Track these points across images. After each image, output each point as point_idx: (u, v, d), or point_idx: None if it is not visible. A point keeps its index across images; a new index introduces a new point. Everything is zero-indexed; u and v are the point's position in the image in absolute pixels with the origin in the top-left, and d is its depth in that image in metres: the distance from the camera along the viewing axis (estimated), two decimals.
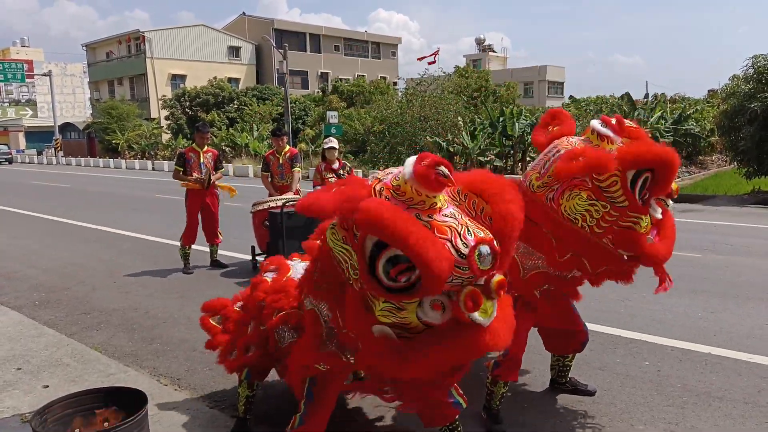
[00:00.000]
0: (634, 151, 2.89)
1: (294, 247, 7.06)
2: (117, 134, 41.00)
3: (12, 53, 58.94)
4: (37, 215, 13.54)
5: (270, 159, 7.87)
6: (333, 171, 7.58)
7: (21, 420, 3.48)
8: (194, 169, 7.61)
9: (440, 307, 2.16)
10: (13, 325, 5.22)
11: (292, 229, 6.87)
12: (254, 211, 7.48)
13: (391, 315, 2.17)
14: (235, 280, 7.10)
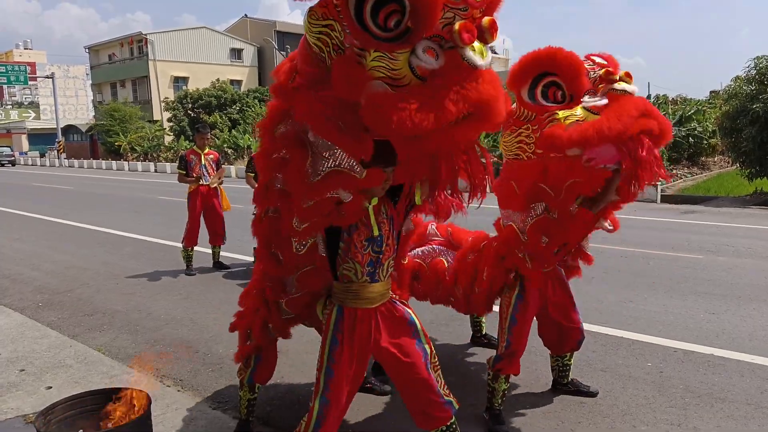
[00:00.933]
0: (516, 66, 3.02)
1: None
2: (120, 136, 41.10)
3: (15, 55, 59.22)
4: (40, 217, 13.58)
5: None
6: None
7: (24, 421, 3.49)
8: (196, 171, 7.62)
9: (434, 54, 2.08)
10: (17, 327, 5.24)
11: None
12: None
13: (384, 70, 2.07)
14: (237, 282, 7.11)
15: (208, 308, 6.02)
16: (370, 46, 2.06)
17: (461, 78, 2.09)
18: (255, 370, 3.35)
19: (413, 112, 2.02)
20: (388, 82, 2.09)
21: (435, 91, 2.08)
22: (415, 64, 2.08)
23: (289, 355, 4.65)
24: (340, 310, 2.75)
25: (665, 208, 13.55)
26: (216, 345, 4.96)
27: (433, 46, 2.09)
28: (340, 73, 2.13)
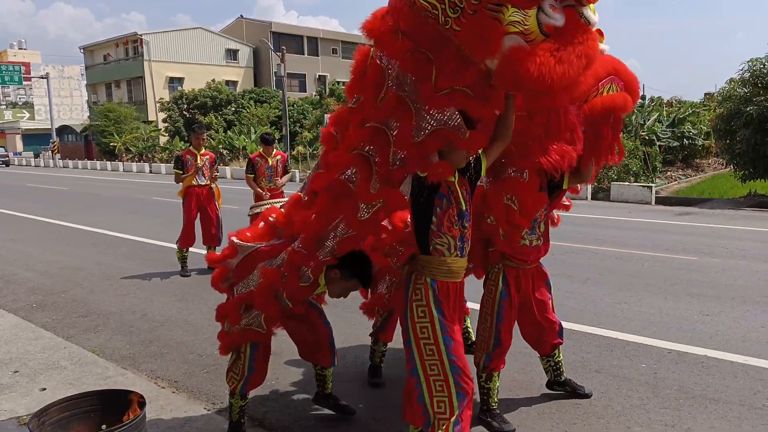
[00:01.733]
0: None
1: None
2: (114, 137, 40.96)
3: (9, 55, 58.94)
4: (34, 218, 13.53)
5: (257, 161, 7.67)
6: None
7: (18, 423, 3.47)
8: (191, 171, 7.62)
9: (557, 11, 2.21)
10: (10, 328, 5.22)
11: None
12: (252, 214, 7.46)
13: (519, 25, 2.17)
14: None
15: (203, 309, 6.01)
16: (508, 2, 2.15)
17: (579, 35, 2.24)
18: (248, 381, 3.34)
19: (553, 66, 2.15)
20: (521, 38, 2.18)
21: (562, 46, 2.19)
22: (543, 20, 2.18)
23: (284, 356, 4.65)
24: (435, 284, 2.86)
25: (659, 209, 13.60)
26: (211, 346, 4.94)
27: (555, 4, 2.20)
28: (474, 29, 2.18)
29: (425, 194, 2.82)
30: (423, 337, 2.83)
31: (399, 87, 2.48)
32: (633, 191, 15.14)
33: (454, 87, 2.34)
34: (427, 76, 2.36)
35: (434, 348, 2.80)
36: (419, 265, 2.91)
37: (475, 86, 2.36)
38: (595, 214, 12.75)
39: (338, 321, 5.57)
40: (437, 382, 2.80)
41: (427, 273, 2.87)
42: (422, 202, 2.82)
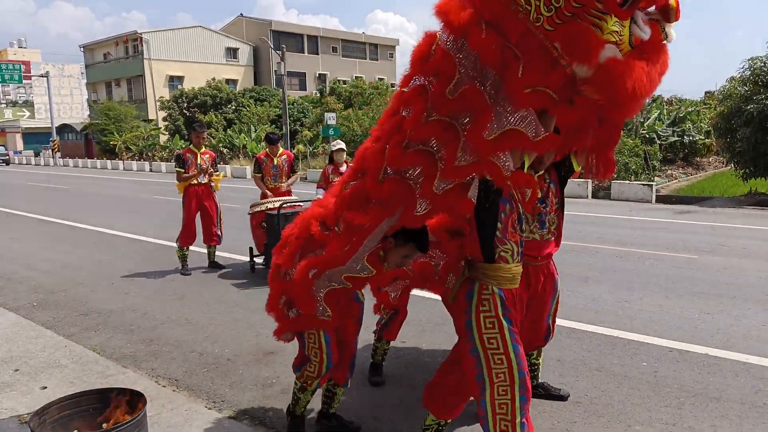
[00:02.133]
0: None
1: None
2: (114, 135, 40.96)
3: (9, 54, 58.91)
4: (34, 216, 13.53)
5: (262, 160, 7.71)
6: (341, 174, 7.18)
7: (19, 421, 3.48)
8: (192, 170, 7.59)
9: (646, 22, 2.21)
10: (11, 327, 5.22)
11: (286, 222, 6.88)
12: (252, 213, 7.47)
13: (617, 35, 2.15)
14: (233, 282, 7.10)
15: (204, 308, 6.01)
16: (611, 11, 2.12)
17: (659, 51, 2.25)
18: (324, 376, 3.27)
19: (644, 84, 2.15)
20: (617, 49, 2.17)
21: (650, 64, 2.19)
22: (635, 32, 2.17)
23: (284, 355, 4.65)
24: (501, 292, 2.77)
25: (660, 208, 13.59)
26: (211, 345, 4.95)
27: (645, 18, 2.20)
28: (575, 34, 2.14)
29: (491, 199, 2.69)
30: (491, 347, 2.74)
31: (475, 79, 2.35)
32: (633, 190, 15.13)
33: (538, 87, 2.26)
34: (513, 73, 2.26)
35: (503, 357, 2.73)
36: (481, 274, 2.78)
37: (559, 89, 2.29)
38: (595, 212, 12.74)
39: None
40: (501, 387, 2.75)
41: (493, 282, 2.76)
42: (488, 207, 2.69)
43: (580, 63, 2.18)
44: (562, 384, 4.05)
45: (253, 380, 4.22)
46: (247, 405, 3.84)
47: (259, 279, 7.18)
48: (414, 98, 2.46)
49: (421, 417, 3.59)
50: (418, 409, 3.72)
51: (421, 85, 2.46)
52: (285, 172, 7.72)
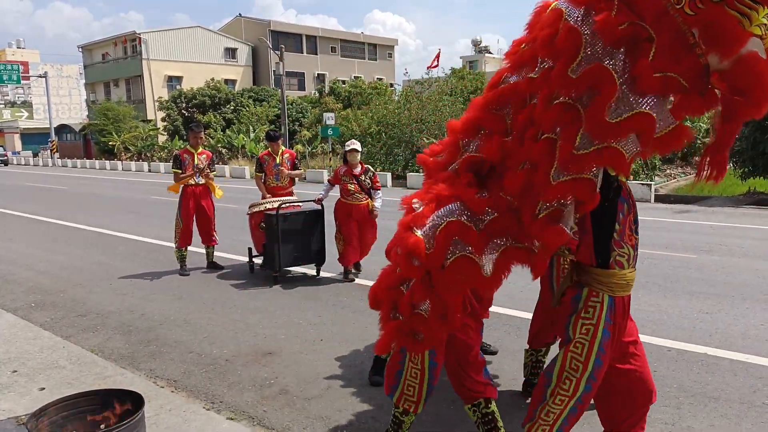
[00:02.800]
0: None
1: (290, 250, 6.82)
2: (113, 136, 40.95)
3: (8, 55, 58.89)
4: (32, 217, 13.51)
5: (264, 159, 7.61)
6: (354, 177, 6.93)
7: (17, 422, 3.46)
8: (188, 170, 7.55)
9: None
10: (9, 328, 5.21)
11: (287, 231, 6.85)
12: (251, 213, 7.42)
13: (764, 29, 2.02)
14: (231, 282, 7.10)
15: (202, 309, 6.00)
16: (765, 2, 2.00)
17: None
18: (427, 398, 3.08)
19: None
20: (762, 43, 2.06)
21: None
22: None
23: (283, 356, 4.65)
24: (612, 301, 2.61)
25: (659, 207, 13.60)
26: (210, 345, 4.94)
27: None
28: (720, 22, 2.01)
29: (611, 196, 2.49)
30: (574, 352, 2.61)
31: (602, 58, 2.19)
32: (632, 189, 15.10)
33: (668, 72, 2.10)
34: (644, 54, 2.12)
35: (580, 365, 2.59)
36: (592, 279, 2.60)
37: (690, 78, 2.12)
38: None
39: (341, 320, 5.57)
40: (562, 391, 2.63)
41: (606, 289, 2.58)
42: (606, 205, 2.47)
43: (719, 54, 2.04)
44: None
45: (251, 381, 4.21)
46: (246, 406, 3.83)
47: (258, 280, 7.18)
48: (540, 84, 2.31)
49: (423, 415, 3.59)
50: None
51: (547, 68, 2.30)
52: (288, 170, 7.63)
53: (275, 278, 7.00)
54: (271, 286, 6.84)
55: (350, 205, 6.91)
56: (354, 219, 6.91)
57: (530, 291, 5.64)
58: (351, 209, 6.91)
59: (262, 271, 7.45)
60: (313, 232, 7.15)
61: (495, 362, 4.45)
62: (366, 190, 6.92)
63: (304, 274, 7.44)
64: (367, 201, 6.92)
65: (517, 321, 5.40)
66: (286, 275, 7.30)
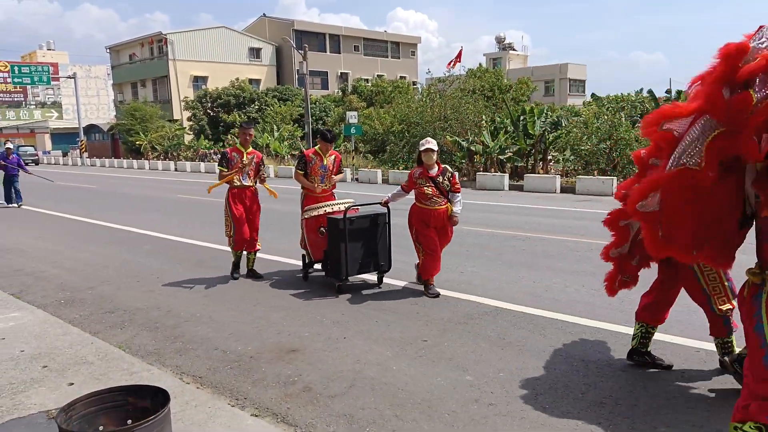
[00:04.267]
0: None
1: (356, 256, 6.40)
2: (140, 135, 41.62)
3: (38, 56, 60.25)
4: (62, 215, 13.79)
5: (311, 158, 6.99)
6: (430, 179, 6.21)
7: (47, 417, 3.54)
8: (235, 169, 7.15)
9: None
10: (39, 324, 5.32)
11: (354, 236, 6.31)
12: (307, 217, 6.81)
13: None
14: (256, 280, 7.13)
15: (227, 306, 6.06)
16: None
17: None
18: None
19: None
20: None
21: None
22: None
23: (307, 354, 4.67)
24: None
25: None
26: (235, 342, 4.99)
27: None
28: None
29: None
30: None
31: None
32: None
33: None
34: None
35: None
36: None
37: None
38: None
39: (364, 318, 5.58)
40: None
41: None
42: None
43: None
44: (586, 384, 4.00)
45: (275, 378, 4.24)
46: (270, 402, 3.86)
47: (306, 284, 7.21)
48: None
49: (446, 414, 3.58)
50: (441, 408, 3.71)
51: None
52: (334, 173, 7.10)
53: (339, 288, 6.47)
54: (337, 296, 6.32)
55: (427, 211, 6.21)
56: (432, 226, 6.24)
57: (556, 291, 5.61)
58: (428, 216, 6.22)
59: (320, 278, 7.01)
60: (380, 237, 6.55)
61: (519, 361, 4.42)
62: (445, 193, 6.23)
63: (364, 282, 6.92)
64: (446, 205, 6.24)
65: (541, 320, 5.34)
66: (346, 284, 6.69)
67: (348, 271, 6.31)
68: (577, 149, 18.58)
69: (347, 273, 6.32)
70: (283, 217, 11.68)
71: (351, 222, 6.27)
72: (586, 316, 5.43)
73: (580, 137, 18.52)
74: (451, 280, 6.79)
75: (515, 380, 4.11)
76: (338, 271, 6.35)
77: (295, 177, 7.26)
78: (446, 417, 3.59)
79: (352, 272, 6.37)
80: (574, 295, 6.16)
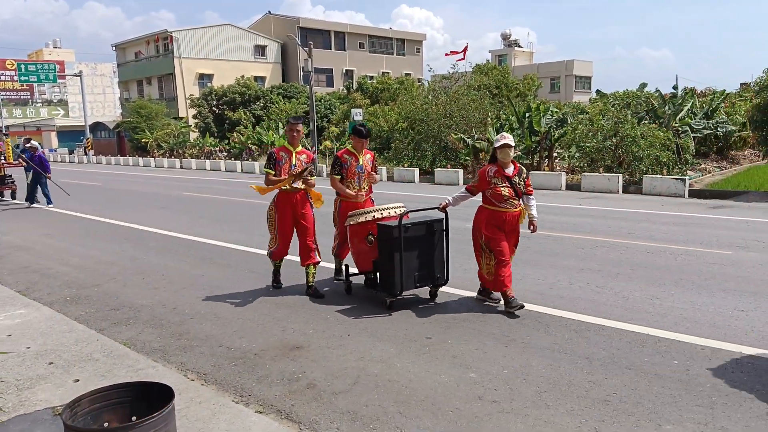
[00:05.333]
0: None
1: (412, 268, 5.66)
2: (146, 133, 41.76)
3: (45, 54, 60.41)
4: (68, 213, 13.86)
5: (346, 159, 6.29)
6: (506, 178, 5.62)
7: (53, 413, 3.56)
8: (284, 172, 6.20)
9: None
10: (45, 321, 5.35)
11: (409, 245, 5.60)
12: (353, 224, 5.96)
13: None
14: (260, 277, 7.12)
15: (232, 303, 6.07)
16: None
17: None
18: None
19: None
20: None
21: None
22: None
23: (311, 350, 4.68)
24: None
25: (693, 203, 13.30)
26: (239, 339, 5.00)
27: None
28: None
29: None
30: None
31: None
32: (666, 184, 14.83)
33: None
34: None
35: None
36: None
37: None
38: (626, 207, 12.52)
39: (368, 315, 5.58)
40: None
41: None
42: None
43: None
44: (591, 382, 4.00)
45: (279, 375, 4.25)
46: (274, 399, 3.87)
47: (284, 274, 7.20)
48: None
49: (449, 412, 3.58)
50: (445, 405, 3.71)
51: None
52: (368, 173, 6.38)
53: (391, 305, 5.70)
54: (390, 314, 5.59)
55: (500, 214, 5.61)
56: (504, 230, 5.64)
57: (560, 288, 5.60)
58: (502, 219, 5.62)
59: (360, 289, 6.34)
60: (437, 247, 5.85)
61: (523, 358, 4.42)
62: (520, 195, 5.70)
63: (415, 296, 6.19)
64: (520, 209, 5.71)
65: (546, 318, 5.34)
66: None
67: (403, 286, 5.61)
68: (583, 146, 18.51)
69: (402, 287, 5.61)
70: None
71: (406, 229, 5.56)
72: (591, 314, 5.42)
73: (585, 134, 18.46)
74: (455, 277, 6.79)
75: (519, 378, 4.11)
76: (391, 286, 5.60)
77: (332, 184, 6.38)
78: (450, 414, 3.59)
79: (407, 286, 5.66)
80: (578, 292, 6.15)
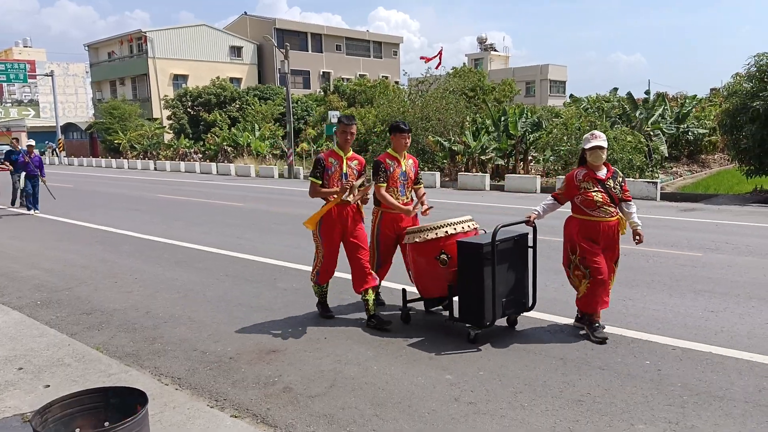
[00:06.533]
0: None
1: (503, 289, 4.83)
2: (119, 134, 41.17)
3: (14, 53, 59.18)
4: (39, 216, 13.59)
5: (389, 165, 5.43)
6: (598, 181, 4.86)
7: (22, 420, 3.49)
8: (334, 182, 5.32)
9: None
10: (15, 325, 5.24)
11: (500, 261, 4.74)
12: (420, 241, 5.02)
13: None
14: (235, 280, 7.07)
15: (207, 306, 6.01)
16: None
17: None
18: None
19: None
20: None
21: None
22: None
23: (287, 354, 4.66)
24: None
25: (665, 205, 13.54)
26: (214, 343, 4.95)
27: None
28: None
29: None
30: None
31: None
32: (638, 187, 15.08)
33: None
34: None
35: None
36: None
37: None
38: None
39: (345, 318, 5.56)
40: None
41: None
42: None
43: None
44: (565, 383, 4.04)
45: (255, 378, 4.22)
46: (249, 403, 3.84)
47: (286, 285, 7.16)
48: None
49: (426, 413, 3.59)
50: (421, 407, 3.72)
51: None
52: (412, 180, 5.61)
53: (476, 337, 4.81)
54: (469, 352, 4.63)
55: (594, 224, 4.85)
56: (601, 243, 4.88)
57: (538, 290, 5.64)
58: (596, 230, 4.85)
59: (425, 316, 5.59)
60: (524, 267, 5.07)
61: (499, 360, 4.45)
62: (616, 201, 4.92)
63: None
64: (617, 217, 4.95)
65: (521, 319, 5.38)
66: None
67: (495, 314, 4.77)
68: (557, 149, 18.75)
69: (494, 316, 4.77)
70: (273, 218, 11.62)
71: (497, 247, 4.69)
72: (565, 315, 5.48)
73: (560, 138, 18.69)
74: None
75: (495, 379, 4.14)
76: (479, 315, 4.73)
77: (378, 195, 5.43)
78: (426, 416, 3.60)
79: (499, 314, 4.82)
80: (553, 293, 6.21)
